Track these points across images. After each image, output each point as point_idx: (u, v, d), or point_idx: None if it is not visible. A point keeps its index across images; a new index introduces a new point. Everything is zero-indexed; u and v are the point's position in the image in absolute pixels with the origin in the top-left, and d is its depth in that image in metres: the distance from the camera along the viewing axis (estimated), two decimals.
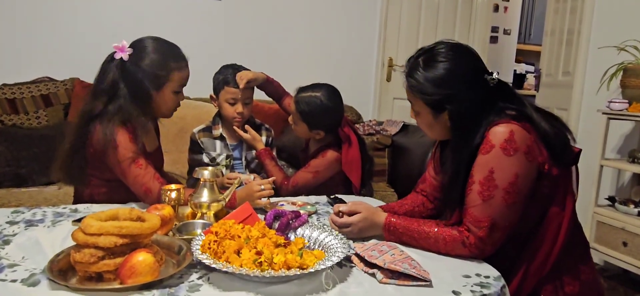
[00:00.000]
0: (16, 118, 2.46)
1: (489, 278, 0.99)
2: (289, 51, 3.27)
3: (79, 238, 0.87)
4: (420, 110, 1.18)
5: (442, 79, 1.10)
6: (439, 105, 1.12)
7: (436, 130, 1.19)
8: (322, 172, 1.82)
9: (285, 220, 1.12)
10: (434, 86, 1.11)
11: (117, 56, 1.41)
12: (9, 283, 0.85)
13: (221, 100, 1.86)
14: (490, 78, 1.11)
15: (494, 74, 1.12)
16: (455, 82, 1.10)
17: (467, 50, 1.15)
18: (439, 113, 1.13)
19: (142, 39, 1.47)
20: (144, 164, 1.38)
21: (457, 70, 1.11)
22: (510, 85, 1.17)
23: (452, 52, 1.12)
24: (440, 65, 1.11)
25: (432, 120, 1.16)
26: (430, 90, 1.11)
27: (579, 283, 1.10)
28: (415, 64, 1.15)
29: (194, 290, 0.86)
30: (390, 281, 0.93)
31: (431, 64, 1.12)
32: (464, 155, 1.10)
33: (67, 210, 1.31)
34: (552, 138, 1.08)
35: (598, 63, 2.83)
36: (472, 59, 1.15)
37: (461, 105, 1.10)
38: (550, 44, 3.54)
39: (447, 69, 1.10)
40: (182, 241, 1.02)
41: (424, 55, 1.14)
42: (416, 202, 1.37)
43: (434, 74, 1.11)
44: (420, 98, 1.14)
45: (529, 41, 5.96)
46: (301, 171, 1.83)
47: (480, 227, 1.05)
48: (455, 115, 1.11)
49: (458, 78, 1.10)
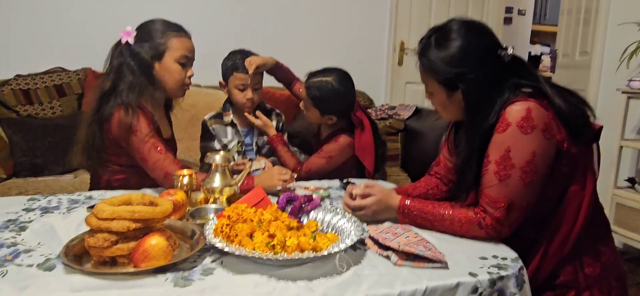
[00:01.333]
0: (31, 109, 2.49)
1: (506, 259, 0.97)
2: (299, 36, 3.24)
3: (92, 223, 0.88)
4: (433, 91, 1.15)
5: (455, 57, 1.07)
6: (452, 83, 1.09)
7: (450, 110, 1.16)
8: (335, 157, 1.81)
9: (298, 204, 1.11)
10: (446, 65, 1.08)
11: (123, 40, 1.45)
12: (25, 268, 0.86)
13: (230, 87, 1.85)
14: (505, 54, 1.08)
15: (508, 49, 1.08)
16: (468, 59, 1.07)
17: (479, 26, 1.12)
18: (453, 92, 1.11)
19: (147, 21, 1.50)
20: (163, 149, 1.40)
21: (469, 47, 1.08)
22: (525, 61, 1.13)
23: (465, 28, 1.09)
24: (452, 43, 1.08)
25: (446, 99, 1.13)
26: (443, 69, 1.09)
27: (600, 264, 1.07)
28: (427, 44, 1.12)
29: (207, 274, 0.86)
30: (405, 264, 0.92)
31: (443, 42, 1.09)
32: (478, 135, 1.07)
33: (82, 197, 1.33)
34: (567, 115, 1.04)
35: (617, 41, 2.75)
36: (485, 35, 1.11)
37: (475, 82, 1.07)
38: (566, 23, 3.44)
39: (460, 47, 1.07)
40: (195, 226, 1.02)
41: (436, 34, 1.12)
42: (430, 184, 1.35)
43: (446, 53, 1.08)
44: (433, 77, 1.12)
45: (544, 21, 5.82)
46: (314, 156, 1.82)
47: (496, 208, 1.03)
48: (469, 94, 1.08)
49: (471, 55, 1.07)
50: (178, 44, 1.48)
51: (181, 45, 1.49)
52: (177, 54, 1.48)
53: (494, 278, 0.89)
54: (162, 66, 1.47)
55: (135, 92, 1.41)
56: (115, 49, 1.47)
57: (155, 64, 1.47)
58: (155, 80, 1.48)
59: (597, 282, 1.07)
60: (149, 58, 1.45)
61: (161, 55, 1.47)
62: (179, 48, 1.48)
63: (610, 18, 2.89)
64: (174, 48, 1.47)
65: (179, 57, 1.48)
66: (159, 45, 1.46)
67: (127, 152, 1.44)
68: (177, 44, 1.48)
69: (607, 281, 1.08)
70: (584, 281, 1.06)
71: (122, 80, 1.42)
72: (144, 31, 1.47)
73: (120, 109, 1.39)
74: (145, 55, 1.44)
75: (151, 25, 1.49)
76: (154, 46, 1.46)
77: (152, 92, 1.47)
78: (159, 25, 1.48)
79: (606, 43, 2.92)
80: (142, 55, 1.44)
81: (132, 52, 1.45)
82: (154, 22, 1.49)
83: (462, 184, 1.15)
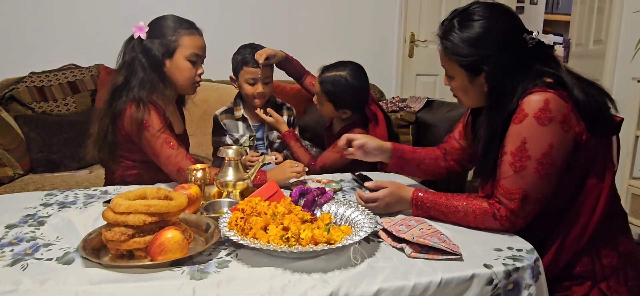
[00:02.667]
0: (46, 106, 2.52)
1: (521, 251, 0.96)
2: (309, 29, 3.24)
3: (109, 217, 0.89)
4: (454, 74, 1.12)
5: (479, 39, 1.05)
6: (475, 66, 1.07)
7: (471, 95, 1.13)
8: None
9: (311, 197, 1.12)
10: (470, 46, 1.05)
11: (135, 35, 1.46)
12: (45, 262, 0.88)
13: (241, 81, 1.86)
14: (530, 38, 1.05)
15: (534, 33, 1.05)
16: (493, 41, 1.05)
17: (503, 8, 1.10)
18: (475, 76, 1.08)
19: (159, 17, 1.51)
20: (175, 144, 1.42)
21: (494, 28, 1.05)
22: (550, 46, 1.10)
23: (489, 10, 1.07)
24: (476, 24, 1.05)
25: (467, 84, 1.11)
26: (466, 51, 1.06)
27: (617, 255, 1.06)
28: (450, 26, 1.09)
29: (223, 266, 0.87)
30: (419, 256, 0.92)
31: (467, 23, 1.06)
32: (499, 121, 1.05)
33: (97, 192, 1.34)
34: (587, 106, 1.02)
35: (633, 28, 2.70)
36: (510, 17, 1.09)
37: (498, 66, 1.04)
38: (580, 11, 3.39)
39: (484, 27, 1.05)
40: (210, 219, 1.03)
41: (459, 16, 1.09)
42: (431, 154, 1.37)
43: (469, 34, 1.05)
44: (455, 60, 1.09)
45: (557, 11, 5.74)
46: (328, 151, 1.82)
47: (511, 199, 1.02)
48: (492, 77, 1.05)
49: (495, 37, 1.05)
50: (189, 41, 1.48)
51: (192, 43, 1.49)
52: (188, 51, 1.48)
53: (509, 269, 0.89)
54: (173, 63, 1.48)
55: (146, 88, 1.43)
56: (128, 44, 1.48)
57: (166, 61, 1.48)
58: (165, 77, 1.49)
59: (614, 273, 1.05)
60: (159, 55, 1.46)
61: (172, 52, 1.47)
62: (190, 46, 1.49)
63: (625, 5, 2.84)
64: (185, 46, 1.48)
65: (190, 54, 1.49)
66: (170, 42, 1.47)
67: (139, 148, 1.45)
68: (188, 42, 1.48)
69: (624, 272, 1.06)
70: (601, 272, 1.05)
71: (134, 76, 1.43)
72: (155, 27, 1.48)
73: (132, 104, 1.40)
74: (156, 52, 1.45)
75: (163, 21, 1.49)
76: (165, 43, 1.46)
77: (162, 88, 1.48)
78: (170, 22, 1.49)
79: (621, 31, 2.87)
80: (153, 52, 1.45)
81: (144, 48, 1.45)
82: (166, 18, 1.50)
83: (484, 168, 1.13)
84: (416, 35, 3.58)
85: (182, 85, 1.53)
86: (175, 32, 1.47)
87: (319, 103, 1.83)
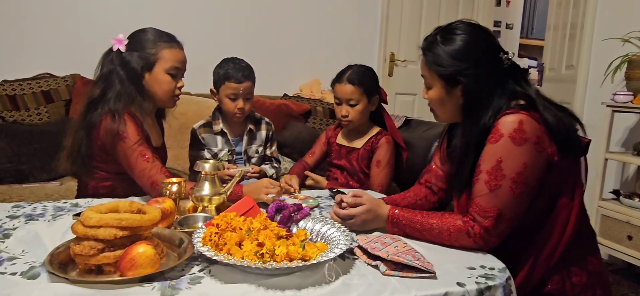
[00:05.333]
0: (17, 115, 2.45)
1: (493, 269, 0.97)
2: (290, 46, 3.25)
3: (78, 230, 0.86)
4: (433, 85, 1.17)
5: (459, 51, 1.10)
6: (453, 78, 1.12)
7: (447, 108, 1.17)
8: (392, 158, 1.88)
9: (287, 213, 1.11)
10: (450, 58, 1.11)
11: (115, 48, 1.44)
12: (9, 276, 0.84)
13: (222, 95, 1.84)
14: (505, 58, 1.11)
15: (509, 54, 1.12)
16: (471, 55, 1.10)
17: (484, 28, 1.16)
18: (452, 87, 1.13)
19: (139, 30, 1.49)
20: (150, 157, 1.39)
21: (473, 44, 1.11)
22: (523, 69, 1.16)
23: (471, 28, 1.14)
24: (457, 38, 1.11)
25: (444, 95, 1.15)
26: (446, 62, 1.11)
27: (587, 273, 1.09)
28: (433, 39, 1.16)
29: (195, 283, 0.85)
30: (393, 273, 0.92)
31: (449, 37, 1.13)
32: (474, 132, 1.09)
33: (67, 204, 1.31)
34: (557, 129, 1.06)
35: (602, 55, 2.81)
36: (489, 36, 1.15)
37: (475, 79, 1.10)
38: (553, 37, 3.51)
39: (465, 41, 1.11)
40: (183, 234, 1.01)
41: (442, 31, 1.15)
42: (419, 194, 1.36)
43: (451, 47, 1.11)
44: (434, 71, 1.14)
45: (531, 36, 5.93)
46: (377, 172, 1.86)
47: (486, 217, 1.04)
48: (468, 89, 1.10)
49: (474, 52, 1.11)
50: (169, 54, 1.47)
51: (172, 56, 1.48)
52: (168, 64, 1.47)
53: (481, 287, 0.90)
54: (152, 77, 1.47)
55: (122, 100, 1.41)
56: (106, 57, 1.47)
57: (146, 74, 1.46)
58: (144, 90, 1.47)
59: (583, 291, 1.08)
60: (138, 68, 1.44)
61: (151, 65, 1.46)
62: (170, 59, 1.48)
63: (595, 33, 2.95)
64: (164, 59, 1.47)
65: (170, 68, 1.48)
66: (149, 55, 1.45)
67: (114, 159, 1.43)
68: (168, 55, 1.47)
69: (593, 290, 1.09)
70: (571, 290, 1.07)
71: (111, 88, 1.41)
72: (135, 40, 1.47)
73: (108, 115, 1.38)
74: (135, 64, 1.44)
75: (143, 34, 1.48)
76: (144, 56, 1.45)
77: (140, 101, 1.46)
78: (150, 35, 1.48)
79: (591, 57, 2.98)
80: (132, 65, 1.44)
81: (123, 60, 1.44)
82: (146, 31, 1.49)
83: (459, 178, 1.16)
84: (396, 54, 3.65)
85: (161, 99, 1.51)
86: (155, 45, 1.46)
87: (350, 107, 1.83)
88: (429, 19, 3.70)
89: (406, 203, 1.33)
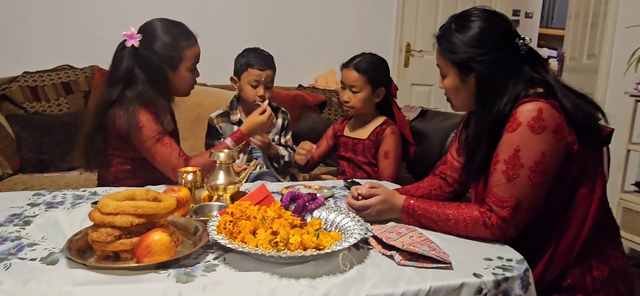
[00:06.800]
0: (38, 106, 2.50)
1: (511, 261, 0.95)
2: (306, 37, 3.24)
3: (95, 217, 0.88)
4: (447, 73, 1.16)
5: (474, 38, 1.09)
6: (467, 65, 1.10)
7: (462, 95, 1.16)
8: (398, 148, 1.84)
9: (302, 202, 1.11)
10: (463, 45, 1.09)
11: (128, 43, 1.44)
12: (29, 261, 0.86)
13: (243, 82, 1.86)
14: (522, 43, 1.09)
15: (526, 39, 1.09)
16: (486, 42, 1.08)
17: (499, 14, 1.14)
18: (467, 75, 1.11)
19: (149, 23, 1.50)
20: (169, 142, 1.42)
21: (488, 30, 1.09)
22: (540, 55, 1.13)
23: (486, 13, 1.11)
24: (473, 25, 1.09)
25: (459, 83, 1.13)
26: (460, 50, 1.10)
27: (608, 268, 1.06)
28: (448, 28, 1.14)
29: (210, 270, 0.86)
30: (408, 264, 0.91)
31: (464, 24, 1.11)
32: (487, 121, 1.08)
33: (86, 192, 1.33)
34: (577, 117, 1.03)
35: (625, 44, 2.73)
36: (504, 22, 1.12)
37: (489, 66, 1.07)
38: (574, 26, 3.43)
39: (480, 28, 1.09)
40: (198, 222, 1.02)
41: (457, 18, 1.13)
42: (433, 184, 1.34)
43: (466, 34, 1.10)
44: (448, 58, 1.13)
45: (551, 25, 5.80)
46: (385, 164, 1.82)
47: (503, 207, 1.02)
48: (483, 77, 1.08)
49: (489, 38, 1.08)
50: (190, 53, 1.51)
51: (193, 54, 1.52)
52: (190, 63, 1.51)
53: (498, 279, 0.88)
54: (176, 75, 1.50)
55: (144, 98, 1.42)
56: (121, 52, 1.46)
57: (169, 73, 1.48)
58: (167, 89, 1.50)
59: (604, 286, 1.05)
60: (162, 70, 1.46)
61: (175, 66, 1.48)
62: (191, 57, 1.51)
63: (618, 21, 2.87)
64: (187, 58, 1.50)
65: (191, 65, 1.52)
66: (172, 57, 1.47)
67: (133, 147, 1.45)
68: (190, 54, 1.51)
69: (614, 285, 1.06)
70: (592, 284, 1.05)
71: (131, 88, 1.42)
72: (150, 35, 1.45)
73: (127, 106, 1.40)
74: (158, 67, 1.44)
75: (158, 31, 1.46)
76: (166, 58, 1.46)
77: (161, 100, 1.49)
78: (167, 34, 1.46)
79: (614, 46, 2.90)
80: (154, 67, 1.44)
81: (143, 60, 1.43)
82: (160, 26, 1.47)
83: (472, 167, 1.14)
84: (412, 45, 3.60)
85: (180, 92, 1.56)
86: (176, 45, 1.47)
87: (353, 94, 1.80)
88: (445, 8, 3.64)
89: (420, 193, 1.31)
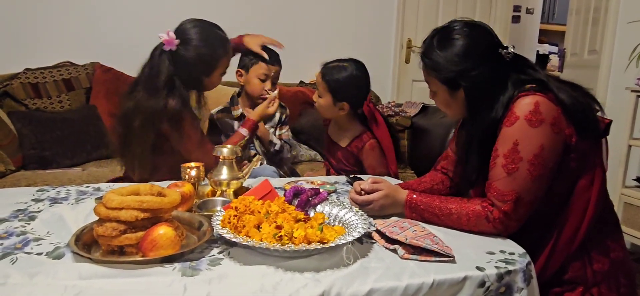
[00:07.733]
0: (39, 102, 2.50)
1: (513, 254, 0.96)
2: (306, 33, 3.24)
3: (101, 212, 0.88)
4: (436, 89, 1.17)
5: (457, 56, 1.09)
6: (453, 82, 1.11)
7: (454, 108, 1.17)
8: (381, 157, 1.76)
9: (305, 197, 1.11)
10: (448, 63, 1.10)
11: (166, 48, 1.48)
12: (35, 256, 0.87)
13: (252, 76, 1.87)
14: (505, 53, 1.09)
15: (509, 48, 1.10)
16: (470, 57, 1.08)
17: (480, 26, 1.14)
18: (455, 90, 1.12)
19: (185, 26, 1.55)
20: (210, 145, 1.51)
21: (471, 45, 1.09)
22: (526, 58, 1.14)
23: (467, 28, 1.11)
24: (454, 42, 1.10)
25: (448, 98, 1.15)
26: (445, 68, 1.10)
27: (609, 261, 1.06)
28: (430, 44, 1.14)
29: (214, 264, 0.86)
30: (412, 257, 0.92)
31: (445, 42, 1.11)
32: (479, 128, 1.09)
33: (90, 188, 1.34)
34: (573, 109, 1.04)
35: (627, 39, 2.73)
36: (486, 34, 1.13)
37: (476, 80, 1.08)
38: (575, 22, 3.42)
39: (462, 45, 1.09)
40: (203, 217, 1.02)
41: (438, 35, 1.14)
42: (435, 179, 1.35)
43: (448, 52, 1.10)
44: (435, 76, 1.14)
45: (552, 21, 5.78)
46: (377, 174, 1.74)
47: (504, 201, 1.02)
48: (471, 91, 1.10)
49: (472, 53, 1.09)
50: (225, 62, 1.62)
51: (227, 62, 1.63)
52: (223, 69, 1.62)
53: (501, 272, 0.89)
54: (209, 79, 1.60)
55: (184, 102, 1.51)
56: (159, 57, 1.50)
57: (204, 78, 1.58)
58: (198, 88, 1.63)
59: (606, 278, 1.06)
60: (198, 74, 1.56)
61: (210, 72, 1.58)
62: (225, 64, 1.62)
63: (619, 17, 2.87)
64: (221, 65, 1.60)
65: (224, 71, 1.63)
66: (210, 64, 1.57)
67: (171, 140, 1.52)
68: (225, 62, 1.62)
69: (616, 278, 1.07)
70: (593, 277, 1.06)
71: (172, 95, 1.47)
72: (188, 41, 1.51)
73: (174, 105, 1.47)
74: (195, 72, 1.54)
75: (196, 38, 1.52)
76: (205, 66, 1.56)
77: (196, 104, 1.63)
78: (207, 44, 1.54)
79: (615, 42, 2.90)
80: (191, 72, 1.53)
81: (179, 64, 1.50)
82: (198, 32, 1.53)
83: (464, 175, 1.16)
84: (413, 41, 3.60)
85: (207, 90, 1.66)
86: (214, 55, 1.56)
87: (317, 96, 1.77)
88: (446, 4, 3.64)
89: (422, 188, 1.32)
